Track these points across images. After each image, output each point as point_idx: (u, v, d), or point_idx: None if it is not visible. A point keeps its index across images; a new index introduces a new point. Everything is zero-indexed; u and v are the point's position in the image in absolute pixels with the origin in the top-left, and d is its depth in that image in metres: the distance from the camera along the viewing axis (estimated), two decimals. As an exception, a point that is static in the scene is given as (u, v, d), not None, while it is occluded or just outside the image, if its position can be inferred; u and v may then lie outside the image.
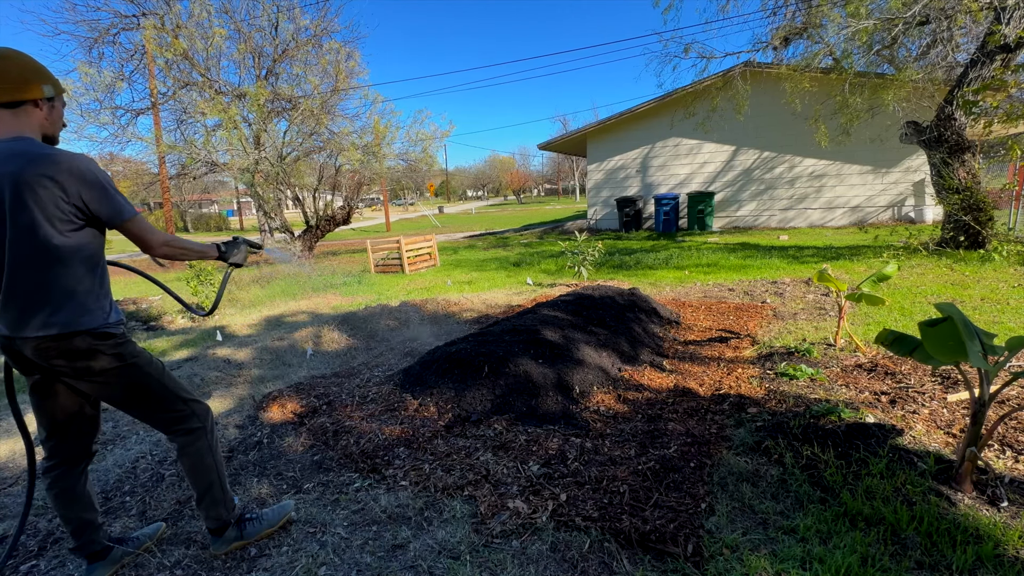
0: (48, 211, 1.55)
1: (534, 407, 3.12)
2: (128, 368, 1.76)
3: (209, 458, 1.93)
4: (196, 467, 1.91)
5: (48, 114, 1.68)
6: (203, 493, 1.94)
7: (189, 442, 1.89)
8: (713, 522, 2.03)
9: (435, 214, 39.67)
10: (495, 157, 78.50)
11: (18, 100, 1.60)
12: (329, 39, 13.13)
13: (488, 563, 1.87)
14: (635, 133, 15.69)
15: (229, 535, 1.99)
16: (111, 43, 12.78)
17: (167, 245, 1.81)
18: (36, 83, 1.63)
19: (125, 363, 1.75)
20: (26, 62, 1.63)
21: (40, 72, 1.65)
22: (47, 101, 1.67)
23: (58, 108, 1.73)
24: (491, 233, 20.68)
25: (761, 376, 3.60)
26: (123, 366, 1.74)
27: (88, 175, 1.59)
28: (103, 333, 1.69)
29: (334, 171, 14.07)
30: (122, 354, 1.74)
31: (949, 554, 1.78)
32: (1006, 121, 5.44)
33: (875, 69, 10.67)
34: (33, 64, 1.65)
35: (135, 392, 1.81)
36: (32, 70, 1.64)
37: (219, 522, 1.97)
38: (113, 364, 1.72)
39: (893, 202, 13.39)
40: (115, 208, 1.65)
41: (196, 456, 1.90)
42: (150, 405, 1.84)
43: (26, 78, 1.61)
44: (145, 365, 1.81)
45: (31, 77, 1.62)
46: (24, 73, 1.61)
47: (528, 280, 8.30)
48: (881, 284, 4.37)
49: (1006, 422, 2.67)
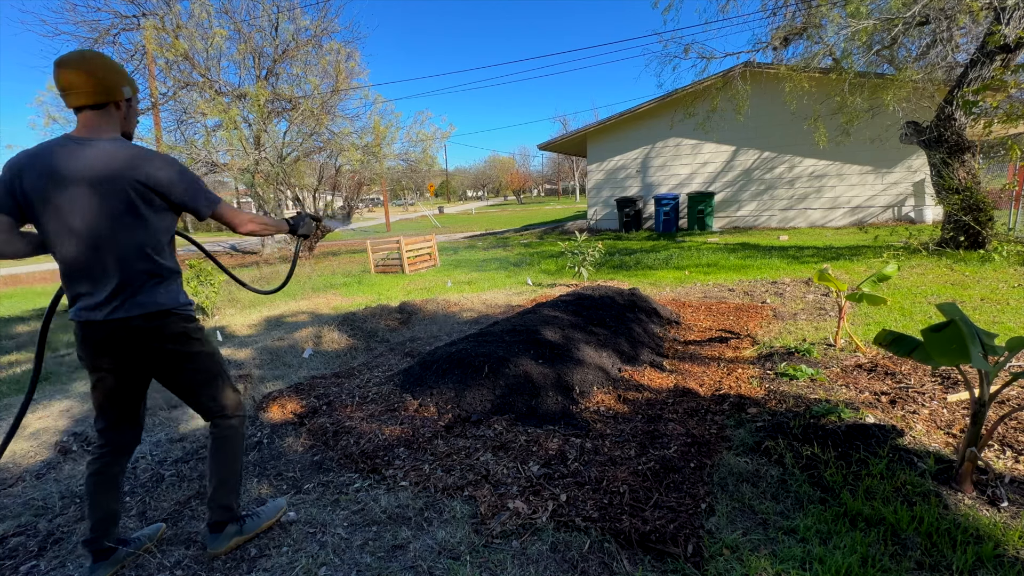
0: (138, 202, 1.69)
1: (534, 407, 3.12)
2: (203, 351, 1.91)
3: (239, 448, 2.02)
4: (228, 455, 1.99)
5: (126, 113, 1.82)
6: (224, 482, 1.98)
7: (229, 428, 1.99)
8: (713, 522, 2.03)
9: (435, 214, 39.67)
10: (495, 157, 78.57)
11: (104, 102, 1.73)
12: (329, 39, 13.17)
13: (488, 563, 1.87)
14: (635, 133, 15.70)
15: (230, 530, 2.00)
16: (111, 43, 12.78)
17: (252, 223, 1.97)
18: (119, 86, 1.76)
19: (202, 346, 1.90)
20: (111, 66, 1.75)
21: (122, 75, 1.78)
22: (126, 102, 1.81)
23: (134, 107, 1.87)
24: (491, 233, 20.68)
25: (761, 376, 3.60)
26: (200, 350, 1.89)
27: (176, 170, 1.74)
28: (186, 315, 1.86)
29: (334, 171, 14.08)
30: (200, 338, 1.91)
31: (949, 554, 1.78)
32: (1006, 121, 5.43)
33: (875, 69, 10.67)
34: (117, 68, 1.77)
35: (201, 375, 1.92)
36: (116, 72, 1.76)
37: (229, 513, 1.99)
38: (192, 346, 1.87)
39: (893, 202, 13.39)
40: (204, 198, 1.81)
41: (231, 444, 1.99)
42: (209, 389, 1.95)
43: (114, 82, 1.74)
44: (214, 351, 1.96)
45: (117, 80, 1.75)
46: (110, 77, 1.73)
47: (528, 280, 8.30)
48: (881, 284, 4.38)
49: (1006, 422, 2.67)
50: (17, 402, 3.80)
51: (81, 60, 1.69)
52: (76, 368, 4.75)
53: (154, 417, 3.41)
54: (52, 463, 2.85)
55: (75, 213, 1.65)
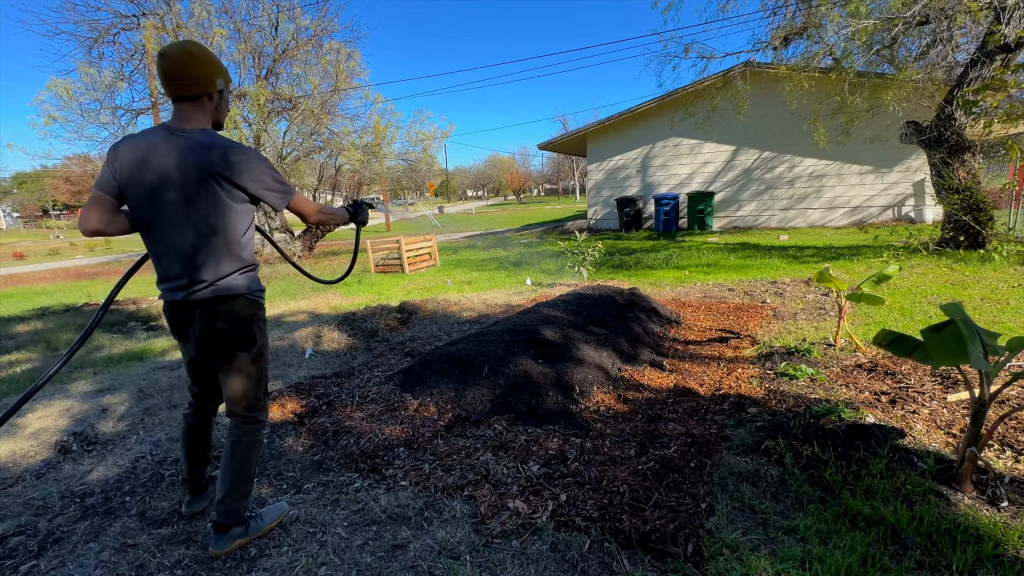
0: (221, 193, 1.79)
1: (534, 407, 3.12)
2: (261, 343, 1.99)
3: (256, 456, 2.05)
4: (245, 457, 2.01)
5: (218, 103, 1.91)
6: (237, 484, 1.99)
7: (253, 430, 2.03)
8: (713, 522, 2.02)
9: (435, 214, 39.66)
10: (495, 157, 78.61)
11: (197, 94, 1.82)
12: (329, 39, 13.14)
13: (488, 563, 1.87)
14: (635, 133, 15.69)
15: (235, 532, 1.99)
16: (111, 43, 12.75)
17: (320, 213, 2.09)
18: (212, 79, 1.83)
19: (263, 334, 2.00)
20: (207, 59, 1.82)
21: (217, 68, 1.85)
22: (218, 93, 1.89)
23: (225, 97, 1.94)
24: (491, 233, 20.68)
25: (761, 376, 3.60)
26: (260, 340, 1.98)
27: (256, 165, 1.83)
28: (257, 302, 1.97)
29: (334, 171, 14.08)
30: (262, 328, 2.01)
31: (949, 554, 1.78)
32: (1006, 121, 5.43)
33: (875, 69, 10.66)
34: (213, 61, 1.84)
35: (251, 365, 1.99)
36: (213, 65, 1.83)
37: (236, 518, 1.99)
38: (254, 333, 1.96)
39: (893, 202, 13.39)
40: (280, 192, 1.90)
41: (250, 446, 2.02)
42: (251, 382, 2.01)
43: (208, 75, 1.82)
44: (265, 351, 2.04)
45: (211, 73, 1.82)
46: (207, 70, 1.81)
47: (528, 280, 8.30)
48: (881, 284, 4.37)
49: (1006, 422, 2.67)
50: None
51: (182, 53, 1.78)
52: (76, 368, 4.75)
53: (154, 417, 3.41)
54: (52, 463, 2.85)
55: (162, 200, 1.77)
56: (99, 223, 1.80)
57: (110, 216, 1.82)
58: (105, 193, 1.79)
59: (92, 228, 1.80)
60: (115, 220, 1.84)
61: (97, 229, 1.81)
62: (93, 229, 1.81)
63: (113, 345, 5.60)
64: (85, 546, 2.10)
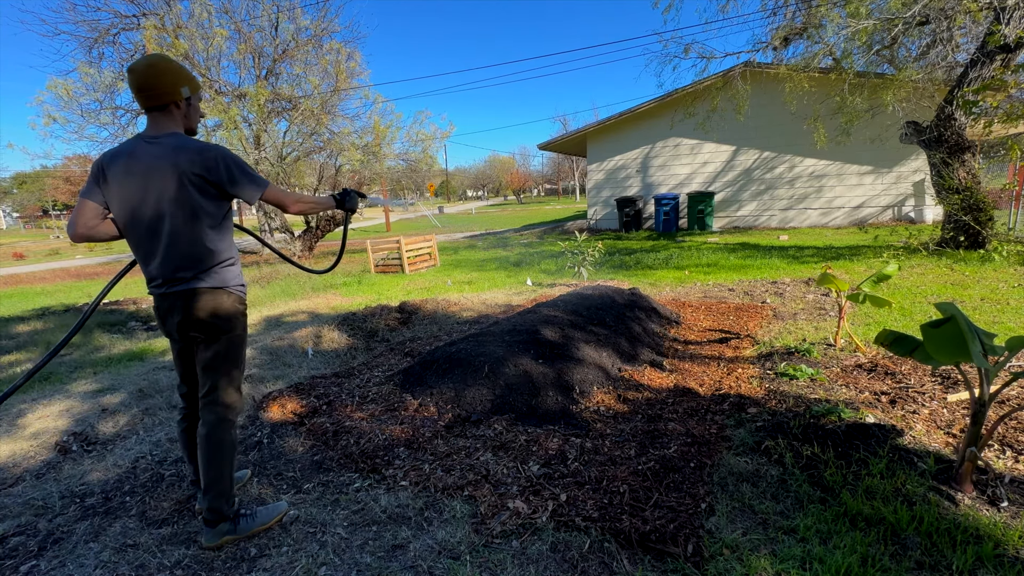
0: (195, 192, 1.85)
1: (534, 407, 3.12)
2: (239, 335, 2.04)
3: (228, 446, 2.05)
4: (217, 456, 2.01)
5: (186, 111, 1.98)
6: (213, 483, 2.00)
7: (222, 423, 2.04)
8: (713, 522, 2.02)
9: (435, 214, 39.65)
10: (495, 157, 78.63)
11: (165, 103, 1.90)
12: (329, 39, 13.14)
13: (488, 563, 1.87)
14: (635, 133, 15.69)
15: (222, 528, 2.02)
16: (111, 43, 12.75)
17: (299, 203, 2.10)
18: (177, 87, 1.90)
19: (241, 328, 2.05)
20: (169, 70, 1.89)
21: (180, 77, 1.91)
22: (186, 101, 1.95)
23: (194, 104, 2.01)
24: (491, 233, 20.68)
25: (761, 376, 3.60)
26: (238, 333, 2.04)
27: (227, 162, 1.89)
28: (237, 295, 2.02)
29: (334, 171, 14.07)
30: (243, 323, 2.06)
31: (949, 554, 1.78)
32: (1006, 121, 5.43)
33: (875, 69, 10.66)
34: (175, 70, 1.90)
35: (230, 359, 2.04)
36: (177, 75, 1.90)
37: (218, 514, 2.01)
38: (236, 327, 2.02)
39: (893, 202, 13.39)
40: (253, 185, 1.95)
41: (219, 445, 2.02)
42: (228, 375, 2.05)
43: (173, 84, 1.89)
44: (244, 344, 2.10)
45: (175, 82, 1.89)
46: (171, 80, 1.88)
47: (528, 280, 8.30)
48: (881, 284, 4.37)
49: (1006, 422, 2.67)
50: (18, 401, 3.80)
51: (146, 66, 1.86)
52: (76, 368, 4.75)
53: (154, 417, 3.41)
54: (52, 463, 2.85)
55: (141, 203, 1.85)
56: (86, 228, 1.89)
57: (96, 222, 1.90)
58: (89, 199, 1.88)
59: (79, 233, 1.89)
60: (102, 225, 1.92)
61: (85, 234, 1.90)
62: (81, 234, 1.89)
63: (113, 345, 5.60)
64: (85, 546, 2.10)
